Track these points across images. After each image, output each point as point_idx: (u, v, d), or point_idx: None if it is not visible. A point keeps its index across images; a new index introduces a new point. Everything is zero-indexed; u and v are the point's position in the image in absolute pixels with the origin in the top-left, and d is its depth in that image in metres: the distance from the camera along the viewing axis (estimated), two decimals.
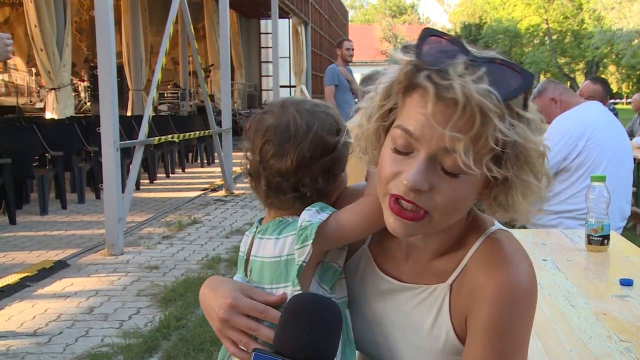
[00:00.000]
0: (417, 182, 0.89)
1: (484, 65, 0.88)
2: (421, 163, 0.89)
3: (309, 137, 1.05)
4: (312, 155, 1.05)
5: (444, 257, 1.04)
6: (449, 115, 0.86)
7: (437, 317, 1.03)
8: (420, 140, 0.90)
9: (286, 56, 18.87)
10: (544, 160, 0.93)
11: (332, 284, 1.08)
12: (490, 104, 0.85)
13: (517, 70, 0.89)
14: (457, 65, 0.87)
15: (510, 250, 1.00)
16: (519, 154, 0.90)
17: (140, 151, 6.24)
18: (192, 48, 8.50)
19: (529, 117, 0.90)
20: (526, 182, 0.92)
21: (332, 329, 0.90)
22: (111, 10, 5.22)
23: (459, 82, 0.85)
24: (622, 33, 35.75)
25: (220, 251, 5.43)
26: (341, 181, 1.13)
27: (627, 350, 1.45)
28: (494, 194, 0.96)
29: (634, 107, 9.68)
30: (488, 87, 0.85)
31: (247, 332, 1.00)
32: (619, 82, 48.18)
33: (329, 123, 1.08)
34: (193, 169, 11.72)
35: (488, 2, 52.31)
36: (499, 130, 0.86)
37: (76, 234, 6.08)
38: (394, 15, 69.58)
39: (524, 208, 0.95)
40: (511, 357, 0.97)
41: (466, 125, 0.86)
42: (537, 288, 1.00)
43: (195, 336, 3.41)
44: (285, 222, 1.08)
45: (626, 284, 1.90)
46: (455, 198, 0.91)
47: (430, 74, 0.87)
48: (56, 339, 3.45)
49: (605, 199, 2.28)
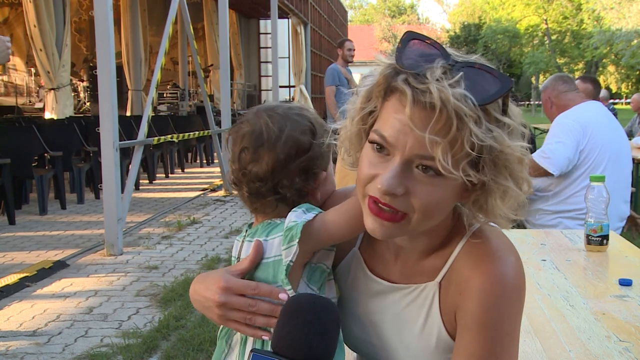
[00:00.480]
0: (391, 187, 0.90)
1: (462, 69, 0.88)
2: (395, 168, 0.90)
3: (282, 139, 1.08)
4: (287, 156, 1.07)
5: (432, 256, 1.05)
6: (426, 119, 0.87)
7: (427, 315, 1.04)
8: (395, 146, 0.90)
9: (285, 56, 18.87)
10: (524, 166, 0.93)
11: (320, 284, 1.09)
12: (467, 109, 0.85)
13: (496, 75, 0.90)
14: (435, 69, 0.87)
15: (497, 244, 1.00)
16: (496, 159, 0.90)
17: (140, 151, 6.24)
18: (192, 48, 8.50)
19: (508, 122, 0.91)
20: (504, 186, 0.93)
21: (330, 329, 0.91)
22: (110, 10, 5.22)
23: (435, 86, 0.85)
24: (621, 33, 35.76)
25: (220, 251, 5.43)
26: (325, 180, 1.14)
27: (626, 350, 1.45)
28: (473, 198, 0.96)
29: (633, 107, 9.69)
30: (464, 92, 0.86)
31: (247, 309, 1.03)
32: (618, 82, 48.19)
33: (302, 124, 1.10)
34: (192, 169, 11.72)
35: (487, 2, 52.33)
36: (474, 134, 0.86)
37: (75, 234, 6.08)
38: (393, 15, 69.61)
39: (502, 212, 0.96)
40: (501, 350, 0.97)
41: (443, 130, 0.86)
42: (524, 281, 1.00)
43: (195, 336, 3.41)
44: (272, 224, 1.10)
45: (625, 284, 1.90)
46: (432, 202, 0.92)
47: (408, 78, 0.88)
48: (55, 339, 3.45)
49: (605, 199, 2.28)
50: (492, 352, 0.96)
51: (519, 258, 1.01)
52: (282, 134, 1.08)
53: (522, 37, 47.67)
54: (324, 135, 1.11)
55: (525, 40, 47.97)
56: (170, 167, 10.74)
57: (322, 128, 1.12)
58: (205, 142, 12.17)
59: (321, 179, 1.13)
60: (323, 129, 1.12)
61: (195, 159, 12.77)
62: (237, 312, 1.03)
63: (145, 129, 6.32)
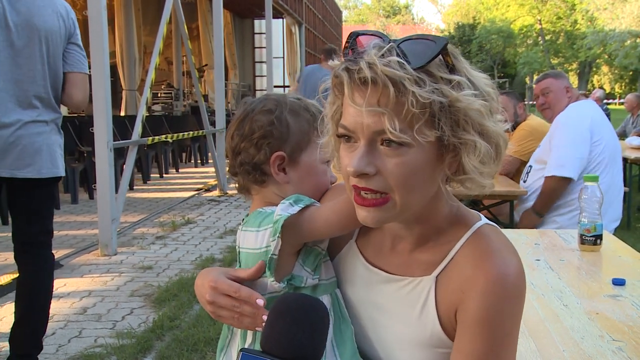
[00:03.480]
0: (360, 166, 0.93)
1: (396, 43, 0.92)
2: (361, 149, 0.94)
3: (246, 119, 1.17)
4: (246, 133, 1.16)
5: (429, 249, 1.06)
6: (366, 95, 0.91)
7: (422, 310, 1.05)
8: (355, 131, 0.95)
9: (280, 56, 18.87)
10: (490, 116, 0.95)
11: (315, 266, 1.12)
12: (402, 73, 0.89)
13: (431, 39, 0.93)
14: (369, 51, 0.92)
15: (499, 244, 1.01)
16: (452, 115, 0.92)
17: (134, 151, 6.23)
18: (186, 48, 8.49)
19: (457, 79, 0.93)
20: (472, 141, 0.94)
21: (319, 328, 0.92)
22: (104, 10, 5.21)
23: (365, 62, 0.90)
24: (614, 34, 35.94)
25: (214, 251, 5.42)
26: (305, 169, 1.17)
27: (620, 349, 1.45)
28: (448, 165, 0.97)
29: (627, 108, 9.73)
30: (397, 59, 0.89)
31: (233, 310, 1.07)
32: (611, 83, 48.40)
33: (264, 105, 1.18)
34: (187, 169, 11.70)
35: (482, 3, 52.48)
36: (418, 95, 0.89)
37: (69, 234, 6.06)
38: (387, 15, 69.71)
39: (480, 168, 0.96)
40: (501, 350, 0.98)
41: (382, 99, 0.90)
42: (525, 281, 1.02)
43: (189, 336, 3.41)
44: (263, 214, 1.13)
45: (618, 284, 1.91)
46: (405, 173, 0.93)
47: (347, 65, 0.93)
48: (49, 339, 3.43)
49: (598, 199, 2.28)
50: (492, 351, 0.97)
51: (519, 258, 1.02)
52: (247, 115, 1.18)
53: (516, 38, 47.82)
54: (289, 113, 1.17)
55: (519, 41, 48.13)
56: (165, 167, 10.71)
57: (287, 106, 1.18)
58: (199, 142, 12.14)
59: (277, 159, 1.15)
60: (287, 106, 1.18)
61: (190, 159, 12.74)
62: (225, 311, 1.08)
63: (139, 129, 6.31)
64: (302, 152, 1.16)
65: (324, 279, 1.13)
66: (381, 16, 66.99)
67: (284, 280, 1.08)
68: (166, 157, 10.86)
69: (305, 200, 1.09)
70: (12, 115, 2.68)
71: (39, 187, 2.80)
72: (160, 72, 14.84)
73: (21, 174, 2.72)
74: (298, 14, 18.20)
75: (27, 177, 2.73)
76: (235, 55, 19.29)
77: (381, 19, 63.48)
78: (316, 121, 1.16)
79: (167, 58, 17.25)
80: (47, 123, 2.82)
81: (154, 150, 9.98)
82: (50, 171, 2.81)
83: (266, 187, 1.18)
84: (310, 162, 1.17)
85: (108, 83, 5.25)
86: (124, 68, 13.35)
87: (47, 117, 2.81)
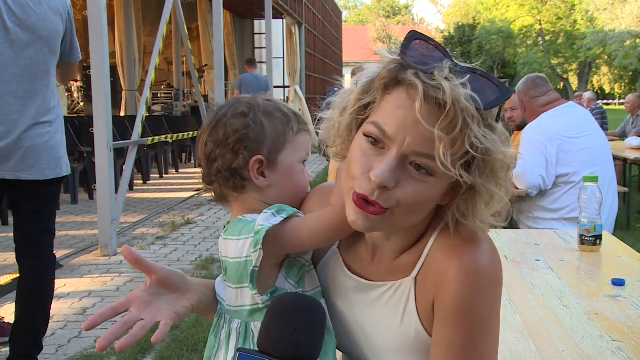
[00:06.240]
0: (385, 179, 0.90)
1: (467, 73, 0.90)
2: (391, 161, 0.91)
3: (219, 125, 1.14)
4: (221, 139, 1.13)
5: (407, 253, 1.05)
6: (433, 115, 0.88)
7: (404, 312, 1.04)
8: (394, 139, 0.91)
9: (280, 57, 18.84)
10: (508, 173, 0.96)
11: (299, 278, 1.10)
12: (474, 112, 0.88)
13: (496, 84, 0.93)
14: (444, 68, 0.89)
15: (468, 232, 1.00)
16: (488, 163, 0.92)
17: (134, 152, 6.23)
18: (186, 48, 8.50)
19: (499, 130, 0.94)
20: (492, 191, 0.94)
21: (316, 327, 0.92)
22: (104, 10, 5.21)
23: (448, 84, 0.87)
24: (614, 34, 35.94)
25: (214, 252, 5.42)
26: (282, 170, 1.14)
27: (619, 350, 1.45)
28: (458, 201, 0.97)
29: (627, 108, 9.72)
30: (472, 94, 0.88)
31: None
32: (611, 83, 48.41)
33: (237, 109, 1.14)
34: (187, 170, 11.70)
35: (481, 3, 52.47)
36: (475, 136, 0.88)
37: (69, 235, 6.06)
38: (387, 15, 69.75)
39: (485, 217, 0.97)
40: (480, 338, 0.97)
41: (447, 128, 0.88)
42: (500, 266, 1.01)
43: (189, 337, 3.41)
44: (243, 222, 1.10)
45: (618, 284, 1.91)
46: (418, 199, 0.93)
47: (418, 73, 0.90)
48: (48, 340, 3.43)
49: (598, 199, 2.28)
50: (471, 340, 0.97)
51: (492, 243, 1.02)
52: (220, 120, 1.14)
53: (516, 38, 47.80)
54: (270, 118, 1.14)
55: (519, 41, 48.11)
56: (165, 167, 10.72)
57: (261, 109, 1.14)
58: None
59: (256, 163, 1.12)
60: (261, 109, 1.14)
61: (190, 160, 12.75)
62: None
63: (139, 129, 6.31)
64: (280, 153, 1.14)
65: (308, 290, 1.11)
66: (381, 16, 66.96)
67: (267, 293, 1.06)
68: (166, 157, 10.86)
69: (288, 211, 1.06)
70: (15, 117, 2.68)
71: (42, 188, 2.80)
72: (160, 73, 14.85)
73: (25, 176, 2.72)
74: (298, 14, 18.19)
75: (31, 179, 2.74)
76: (235, 55, 19.27)
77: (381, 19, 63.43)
78: (290, 121, 1.15)
79: (167, 58, 17.24)
80: (51, 124, 2.82)
81: (154, 151, 9.98)
82: (53, 172, 2.81)
83: (245, 192, 1.14)
84: (289, 162, 1.15)
85: (108, 83, 5.25)
86: (124, 68, 13.34)
87: (50, 117, 2.81)
